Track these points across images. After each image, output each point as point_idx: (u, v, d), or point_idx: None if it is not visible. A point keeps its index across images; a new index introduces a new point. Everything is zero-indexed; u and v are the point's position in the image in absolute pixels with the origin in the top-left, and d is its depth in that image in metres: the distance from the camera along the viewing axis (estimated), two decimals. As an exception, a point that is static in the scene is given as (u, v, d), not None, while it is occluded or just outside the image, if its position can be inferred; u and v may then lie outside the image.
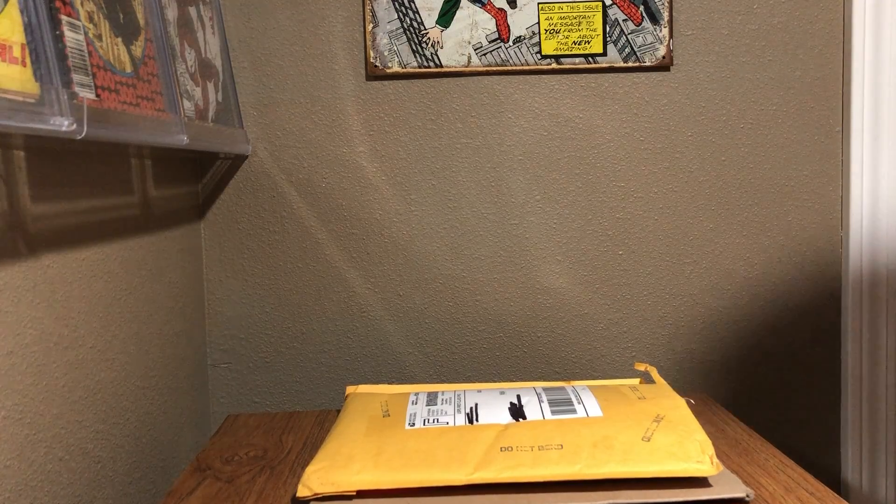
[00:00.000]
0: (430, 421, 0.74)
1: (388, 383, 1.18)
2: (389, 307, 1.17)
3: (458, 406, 0.77)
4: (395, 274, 1.17)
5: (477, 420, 0.74)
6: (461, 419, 0.74)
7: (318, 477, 0.68)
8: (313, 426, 0.92)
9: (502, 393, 0.80)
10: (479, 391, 0.81)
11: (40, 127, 0.54)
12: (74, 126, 0.56)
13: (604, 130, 1.16)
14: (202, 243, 1.16)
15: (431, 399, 0.79)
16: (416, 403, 0.79)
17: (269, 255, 1.16)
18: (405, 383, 1.18)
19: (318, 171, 1.15)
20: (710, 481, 0.68)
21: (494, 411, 0.75)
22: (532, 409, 0.75)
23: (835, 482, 1.19)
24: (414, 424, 0.74)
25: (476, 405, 0.77)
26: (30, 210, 0.68)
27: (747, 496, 0.66)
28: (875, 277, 1.14)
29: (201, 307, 1.15)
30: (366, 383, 1.18)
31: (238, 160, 1.15)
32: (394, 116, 1.15)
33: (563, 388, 0.81)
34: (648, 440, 0.69)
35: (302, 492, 0.67)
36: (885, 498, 1.15)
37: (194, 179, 1.15)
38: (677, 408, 0.75)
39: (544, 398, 0.77)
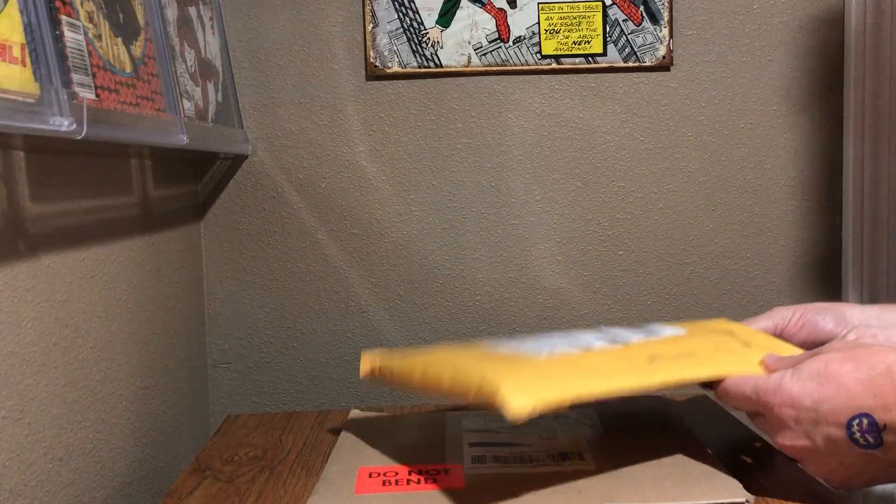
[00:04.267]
0: (559, 352, 0.68)
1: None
2: (389, 307, 1.17)
3: (557, 343, 0.71)
4: (395, 274, 1.17)
5: (591, 348, 0.69)
6: (577, 350, 0.69)
7: (523, 393, 0.58)
8: (313, 426, 0.92)
9: (569, 333, 0.74)
10: (549, 335, 0.75)
11: (40, 127, 0.54)
12: (74, 126, 0.56)
13: (604, 130, 1.16)
14: (202, 243, 1.16)
15: (521, 341, 0.72)
16: (511, 343, 0.72)
17: (269, 255, 1.16)
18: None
19: (318, 171, 1.15)
20: (712, 485, 0.68)
21: (596, 341, 0.71)
22: (627, 335, 0.72)
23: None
24: (549, 353, 0.67)
25: (571, 340, 0.71)
26: (30, 210, 0.68)
27: (747, 502, 0.66)
28: (875, 278, 1.14)
29: (201, 307, 1.15)
30: (365, 383, 1.18)
31: (238, 160, 1.15)
32: (394, 116, 1.15)
33: (630, 326, 0.77)
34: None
35: (519, 409, 0.57)
36: (884, 498, 1.15)
37: (194, 179, 1.15)
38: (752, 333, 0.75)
39: (625, 330, 0.74)
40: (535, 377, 0.63)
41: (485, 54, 1.13)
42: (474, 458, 0.75)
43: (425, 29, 1.12)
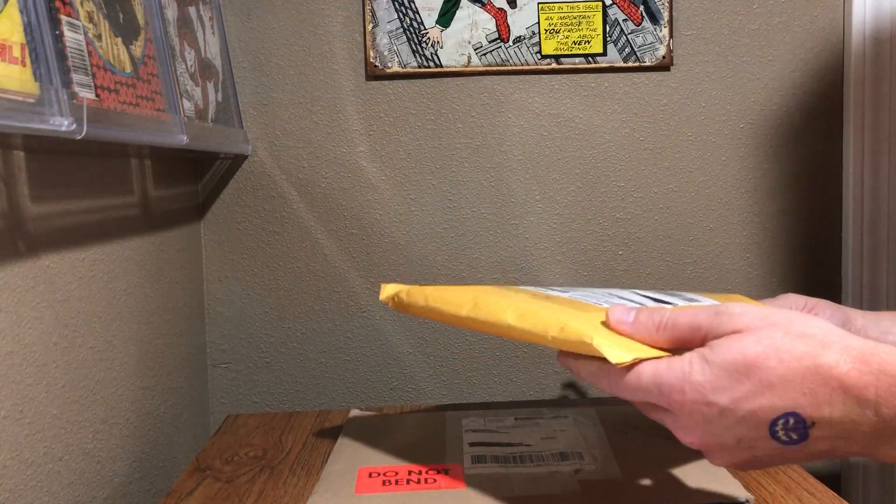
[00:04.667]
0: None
1: (389, 385, 1.18)
2: (389, 307, 1.17)
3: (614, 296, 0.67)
4: (395, 274, 1.16)
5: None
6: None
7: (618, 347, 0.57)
8: (313, 426, 0.92)
9: (615, 292, 0.70)
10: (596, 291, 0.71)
11: (40, 127, 0.54)
12: (74, 126, 0.56)
13: (604, 130, 1.16)
14: (202, 243, 1.16)
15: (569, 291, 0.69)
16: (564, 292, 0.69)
17: (269, 255, 1.16)
18: (405, 383, 1.18)
19: (318, 171, 1.15)
20: (712, 483, 0.68)
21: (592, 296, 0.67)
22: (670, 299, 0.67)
23: (835, 482, 1.19)
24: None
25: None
26: (30, 210, 0.68)
27: (747, 501, 0.66)
28: (875, 279, 1.14)
29: (201, 307, 1.15)
30: (365, 383, 1.18)
31: (238, 160, 1.15)
32: (394, 116, 1.15)
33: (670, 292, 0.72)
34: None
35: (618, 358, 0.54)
36: (883, 498, 1.15)
37: (194, 179, 1.15)
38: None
39: (665, 295, 0.69)
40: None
41: (485, 54, 1.13)
42: (474, 458, 0.75)
43: (425, 29, 1.12)
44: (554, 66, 1.13)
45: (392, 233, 1.16)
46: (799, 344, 0.48)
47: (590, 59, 1.13)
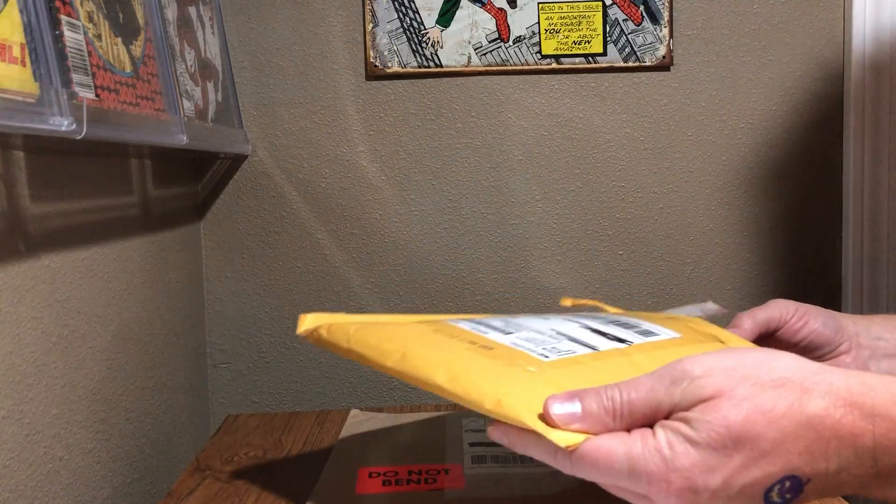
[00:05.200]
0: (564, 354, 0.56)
1: (389, 385, 1.18)
2: (389, 307, 1.17)
3: (559, 335, 0.59)
4: (395, 274, 1.17)
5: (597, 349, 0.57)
6: (584, 351, 0.56)
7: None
8: (313, 426, 0.92)
9: (568, 320, 0.62)
10: (543, 318, 0.63)
11: (40, 127, 0.54)
12: (74, 126, 0.56)
13: (604, 130, 1.16)
14: (202, 243, 1.16)
15: (510, 325, 0.61)
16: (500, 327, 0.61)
17: (269, 255, 1.16)
18: (405, 384, 1.18)
19: (317, 171, 1.15)
20: None
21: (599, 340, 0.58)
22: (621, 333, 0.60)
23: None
24: (555, 355, 0.55)
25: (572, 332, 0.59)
26: (30, 210, 0.68)
27: None
28: (875, 279, 1.14)
29: (201, 307, 1.15)
30: (365, 383, 1.18)
31: (238, 160, 1.15)
32: (394, 116, 1.15)
33: (619, 320, 0.64)
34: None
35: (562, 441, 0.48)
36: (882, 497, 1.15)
37: (194, 179, 1.15)
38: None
39: (617, 326, 0.61)
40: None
41: (485, 54, 1.13)
42: (474, 458, 0.75)
43: (425, 29, 1.12)
44: (554, 66, 1.13)
45: (392, 233, 1.16)
46: (781, 397, 0.43)
47: (590, 59, 1.13)
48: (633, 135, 1.16)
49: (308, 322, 0.61)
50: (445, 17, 1.13)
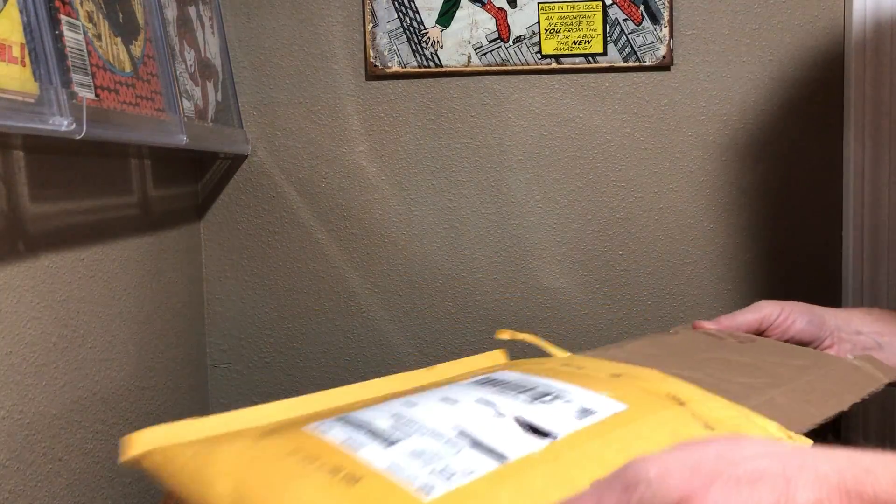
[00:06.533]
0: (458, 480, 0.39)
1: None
2: (389, 307, 1.17)
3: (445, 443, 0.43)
4: (395, 274, 1.16)
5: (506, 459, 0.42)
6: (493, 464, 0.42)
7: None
8: (313, 426, 0.92)
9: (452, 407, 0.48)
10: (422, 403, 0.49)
11: (40, 127, 0.54)
12: (74, 126, 0.56)
13: (604, 130, 1.15)
14: (201, 243, 1.16)
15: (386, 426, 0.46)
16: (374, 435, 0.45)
17: (269, 255, 1.16)
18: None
19: (318, 171, 1.15)
20: None
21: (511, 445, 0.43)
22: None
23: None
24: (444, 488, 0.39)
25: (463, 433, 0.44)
26: (30, 210, 0.68)
27: None
28: (875, 278, 1.14)
29: (201, 307, 1.15)
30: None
31: (238, 160, 1.15)
32: (394, 116, 1.15)
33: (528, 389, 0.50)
34: None
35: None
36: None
37: (194, 179, 1.15)
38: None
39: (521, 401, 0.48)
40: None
41: (485, 54, 1.13)
42: None
43: (425, 29, 1.12)
44: (554, 65, 1.13)
45: (392, 233, 1.16)
46: (762, 495, 0.34)
47: (590, 58, 1.13)
48: (633, 135, 1.16)
49: (137, 446, 0.45)
50: (445, 17, 1.12)
